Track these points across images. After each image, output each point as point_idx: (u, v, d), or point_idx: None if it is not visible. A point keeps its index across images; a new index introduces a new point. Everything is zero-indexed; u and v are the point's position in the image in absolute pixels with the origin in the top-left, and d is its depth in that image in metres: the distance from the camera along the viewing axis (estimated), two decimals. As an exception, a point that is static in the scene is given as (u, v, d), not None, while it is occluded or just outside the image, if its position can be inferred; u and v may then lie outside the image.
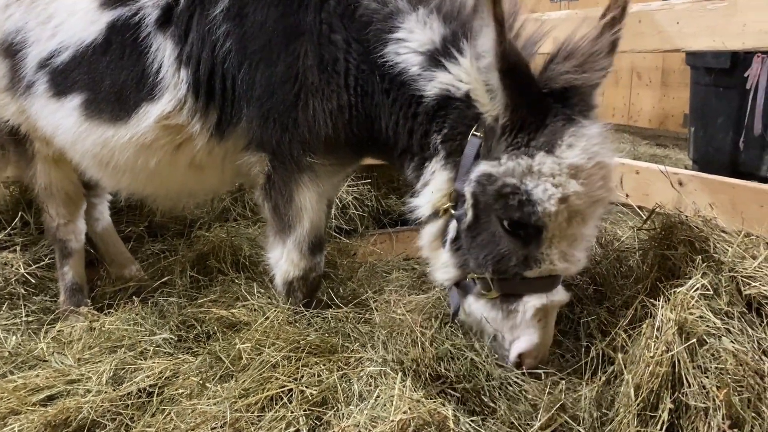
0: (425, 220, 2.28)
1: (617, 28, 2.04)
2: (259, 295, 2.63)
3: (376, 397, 1.92)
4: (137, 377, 2.17)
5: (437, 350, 2.10)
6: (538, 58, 2.11)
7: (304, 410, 1.92)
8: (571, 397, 1.97)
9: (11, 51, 2.72)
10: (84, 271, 3.13)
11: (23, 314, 2.83)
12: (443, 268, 2.26)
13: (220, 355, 2.22)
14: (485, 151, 2.07)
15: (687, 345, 1.82)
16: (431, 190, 2.22)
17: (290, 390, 1.98)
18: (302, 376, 2.05)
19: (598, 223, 2.27)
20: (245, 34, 2.32)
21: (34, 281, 3.08)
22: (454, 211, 2.16)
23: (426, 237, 2.30)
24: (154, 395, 2.10)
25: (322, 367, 2.08)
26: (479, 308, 2.18)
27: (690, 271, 2.15)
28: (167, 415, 1.98)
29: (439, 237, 2.26)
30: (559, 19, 3.30)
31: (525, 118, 1.98)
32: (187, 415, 1.95)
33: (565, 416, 1.89)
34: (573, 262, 2.05)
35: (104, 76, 2.50)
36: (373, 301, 2.59)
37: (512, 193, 1.97)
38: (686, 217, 2.42)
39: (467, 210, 2.10)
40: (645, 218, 2.67)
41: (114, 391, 2.11)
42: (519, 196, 1.96)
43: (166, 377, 2.18)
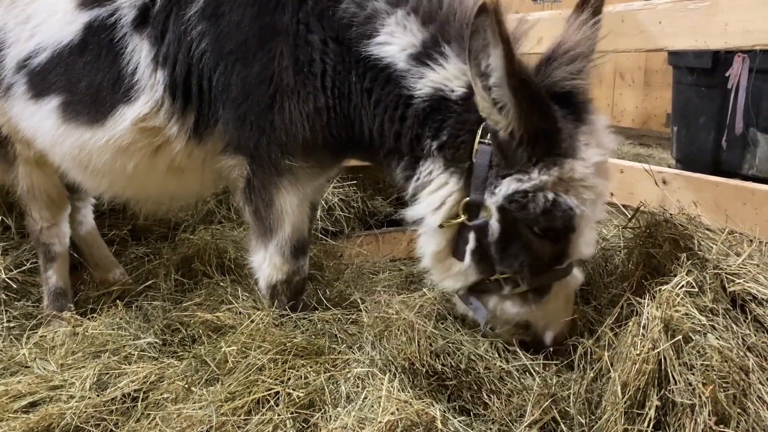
0: (426, 231, 2.22)
1: (598, 22, 2.10)
2: (244, 298, 2.61)
3: (364, 399, 1.91)
4: (121, 382, 2.14)
5: (434, 346, 2.10)
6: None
7: (291, 413, 1.90)
8: (560, 394, 1.97)
9: None
10: (68, 276, 3.09)
11: (4, 320, 2.78)
12: (457, 276, 2.21)
13: (206, 359, 2.20)
14: (500, 160, 2.03)
15: (673, 342, 1.83)
16: (437, 200, 2.15)
17: (277, 393, 1.97)
18: (289, 379, 2.03)
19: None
20: (221, 34, 2.28)
21: (15, 286, 3.02)
22: (469, 223, 2.11)
23: (429, 247, 2.22)
24: (139, 400, 2.08)
25: (309, 370, 2.07)
26: (508, 305, 2.20)
27: (675, 269, 2.16)
28: (152, 420, 1.96)
29: (448, 247, 2.20)
30: (543, 20, 3.31)
31: (538, 125, 1.97)
32: (173, 419, 1.93)
33: (554, 412, 1.89)
34: (593, 245, 2.17)
35: (81, 77, 2.47)
36: (362, 303, 2.57)
37: (551, 207, 1.98)
38: (671, 215, 2.43)
39: (493, 223, 2.07)
40: (630, 217, 2.68)
41: (98, 396, 2.08)
42: (556, 208, 1.98)
43: (150, 382, 2.15)
